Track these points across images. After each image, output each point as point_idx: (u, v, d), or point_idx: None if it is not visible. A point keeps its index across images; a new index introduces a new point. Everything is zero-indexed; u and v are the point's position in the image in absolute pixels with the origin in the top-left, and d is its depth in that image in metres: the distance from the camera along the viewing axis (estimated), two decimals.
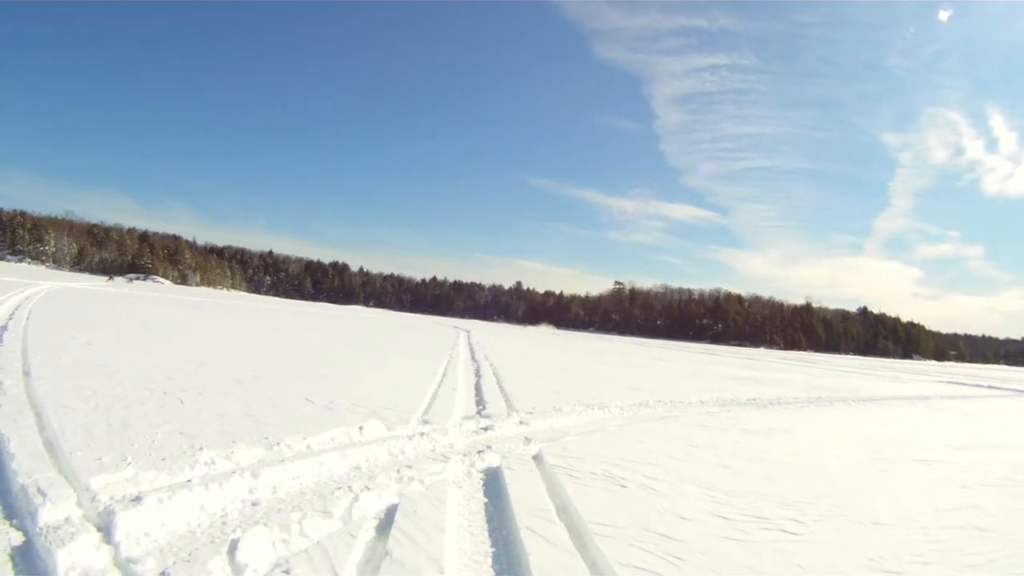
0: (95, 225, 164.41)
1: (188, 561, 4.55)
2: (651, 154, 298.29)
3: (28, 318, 20.19)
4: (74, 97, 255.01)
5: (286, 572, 4.57)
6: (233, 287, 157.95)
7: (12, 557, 4.56)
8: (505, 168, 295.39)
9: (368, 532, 5.52)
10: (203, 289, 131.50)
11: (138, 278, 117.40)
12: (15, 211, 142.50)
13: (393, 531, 5.45)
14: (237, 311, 47.25)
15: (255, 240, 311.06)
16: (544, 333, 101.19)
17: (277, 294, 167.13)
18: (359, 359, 20.35)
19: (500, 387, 16.16)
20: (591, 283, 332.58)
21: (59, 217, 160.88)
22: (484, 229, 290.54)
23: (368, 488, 6.46)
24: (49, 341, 15.14)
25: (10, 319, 19.64)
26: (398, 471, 7.37)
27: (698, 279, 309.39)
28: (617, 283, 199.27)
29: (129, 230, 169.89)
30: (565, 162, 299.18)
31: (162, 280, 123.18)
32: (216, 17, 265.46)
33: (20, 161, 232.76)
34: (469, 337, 45.47)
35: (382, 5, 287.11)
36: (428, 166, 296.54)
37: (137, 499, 5.37)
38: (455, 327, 69.76)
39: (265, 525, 5.23)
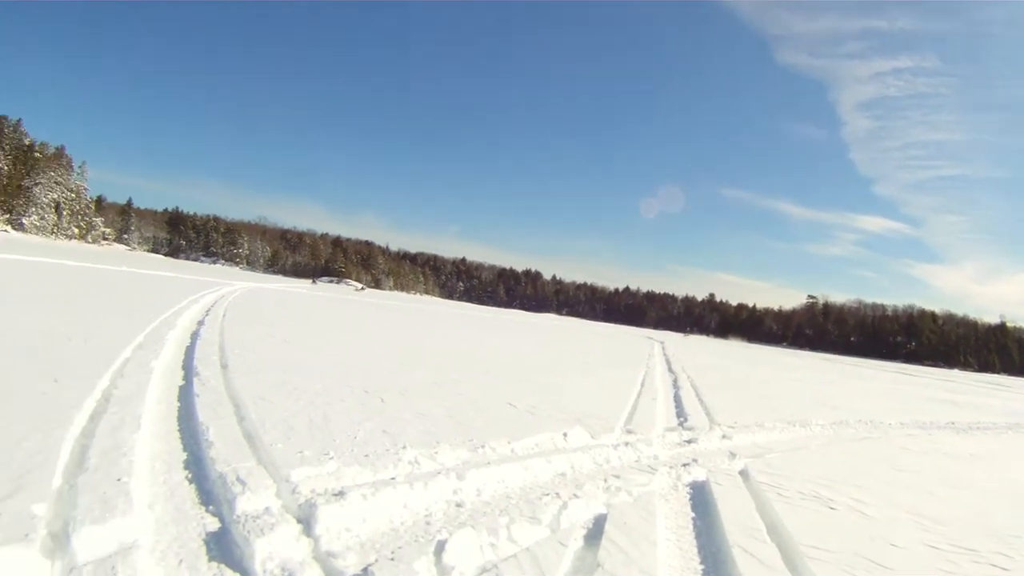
0: (288, 230, 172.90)
1: (392, 559, 4.57)
2: (841, 163, 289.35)
3: (224, 315, 21.07)
4: (267, 114, 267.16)
5: None
6: (426, 292, 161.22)
7: (207, 543, 4.69)
8: (698, 178, 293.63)
9: (577, 541, 5.44)
10: (396, 293, 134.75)
11: (333, 281, 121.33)
12: (209, 215, 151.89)
13: (603, 541, 5.35)
14: (431, 315, 48.43)
15: (448, 247, 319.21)
16: (737, 347, 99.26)
17: (470, 300, 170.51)
18: (557, 366, 20.64)
19: (699, 399, 16.15)
20: (785, 297, 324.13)
21: (252, 222, 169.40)
22: (678, 240, 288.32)
23: (576, 496, 6.42)
24: (245, 337, 15.77)
25: (206, 314, 20.56)
26: (605, 480, 7.33)
27: (891, 294, 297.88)
28: (810, 297, 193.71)
29: (322, 235, 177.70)
30: (758, 172, 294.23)
31: (355, 284, 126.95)
32: (408, 27, 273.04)
33: (215, 170, 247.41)
34: (663, 348, 45.43)
35: (574, 12, 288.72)
36: (622, 176, 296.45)
37: (340, 493, 5.46)
38: (648, 338, 69.89)
39: (472, 528, 5.22)
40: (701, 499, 7.14)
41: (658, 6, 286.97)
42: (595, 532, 5.63)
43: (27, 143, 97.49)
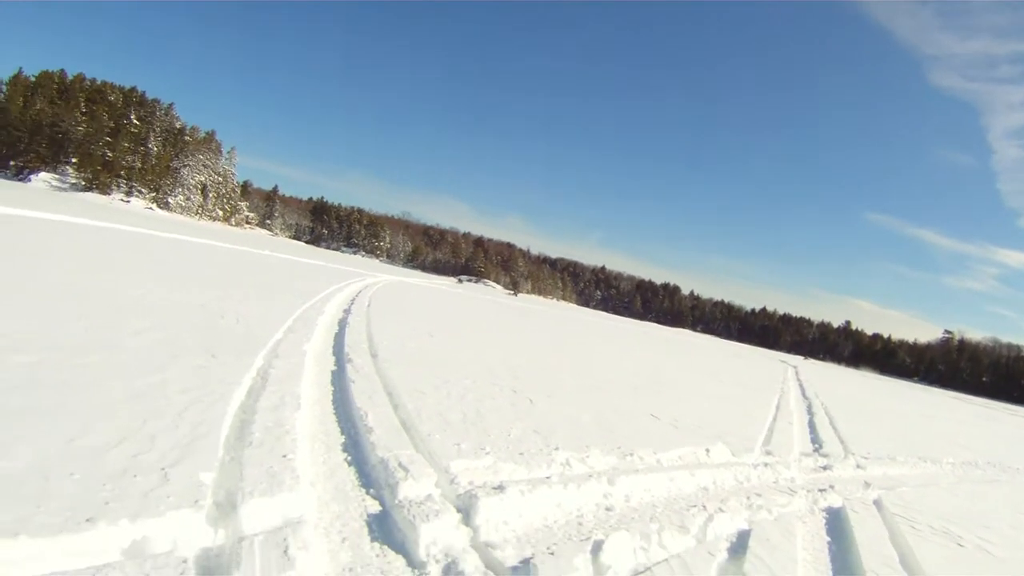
0: (431, 227, 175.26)
1: (551, 554, 4.80)
2: (988, 192, 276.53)
3: (369, 305, 21.58)
4: (419, 111, 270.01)
5: None
6: (563, 298, 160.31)
7: (369, 524, 4.97)
8: (842, 200, 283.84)
9: (722, 553, 5.66)
10: (533, 297, 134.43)
11: (471, 280, 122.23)
12: (353, 207, 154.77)
13: (748, 555, 5.58)
14: (571, 322, 48.72)
15: (588, 255, 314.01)
16: (869, 377, 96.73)
17: (606, 309, 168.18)
18: (695, 381, 20.97)
19: (833, 427, 16.32)
20: (919, 329, 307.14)
21: (395, 217, 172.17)
22: (818, 263, 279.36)
23: (721, 510, 6.67)
24: (392, 329, 16.21)
25: (352, 303, 21.15)
26: (747, 498, 7.63)
27: None
28: (947, 332, 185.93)
29: (464, 234, 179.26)
30: (903, 197, 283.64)
31: (494, 284, 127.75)
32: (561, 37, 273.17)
33: (363, 163, 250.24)
34: (797, 373, 44.75)
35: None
36: (764, 194, 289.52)
37: (500, 487, 5.74)
38: (782, 361, 68.14)
39: (627, 531, 5.44)
40: (836, 525, 7.32)
41: (820, 26, 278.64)
42: (739, 546, 5.86)
43: (178, 126, 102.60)
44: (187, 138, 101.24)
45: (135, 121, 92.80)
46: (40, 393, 5.79)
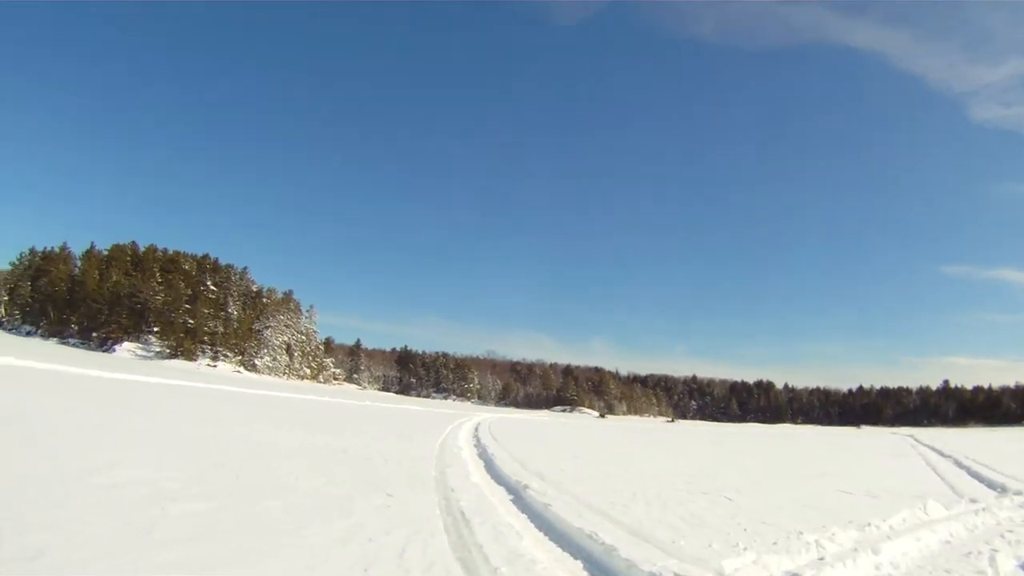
0: (517, 362, 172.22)
1: None
2: None
3: (496, 439, 21.49)
4: (490, 252, 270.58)
5: None
6: (660, 414, 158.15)
7: None
8: (913, 261, 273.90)
9: None
10: (632, 417, 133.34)
11: (566, 410, 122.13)
12: (438, 352, 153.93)
13: None
14: (678, 433, 48.48)
15: (677, 366, 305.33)
16: (982, 432, 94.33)
17: (703, 417, 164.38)
18: (841, 461, 21.49)
19: (996, 471, 16.92)
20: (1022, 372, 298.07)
21: (481, 357, 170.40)
22: (904, 329, 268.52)
23: (995, 551, 7.26)
24: (534, 456, 16.27)
25: (476, 438, 21.15)
26: (1002, 536, 8.32)
27: None
28: None
29: (552, 365, 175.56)
30: (971, 243, 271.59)
31: (589, 411, 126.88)
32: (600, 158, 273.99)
33: (441, 308, 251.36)
34: (916, 438, 44.28)
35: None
36: (839, 272, 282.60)
37: None
38: (893, 433, 66.60)
39: None
40: None
41: (851, 85, 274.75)
42: None
43: (255, 289, 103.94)
44: (265, 300, 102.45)
45: (212, 287, 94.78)
46: (230, 542, 5.59)
